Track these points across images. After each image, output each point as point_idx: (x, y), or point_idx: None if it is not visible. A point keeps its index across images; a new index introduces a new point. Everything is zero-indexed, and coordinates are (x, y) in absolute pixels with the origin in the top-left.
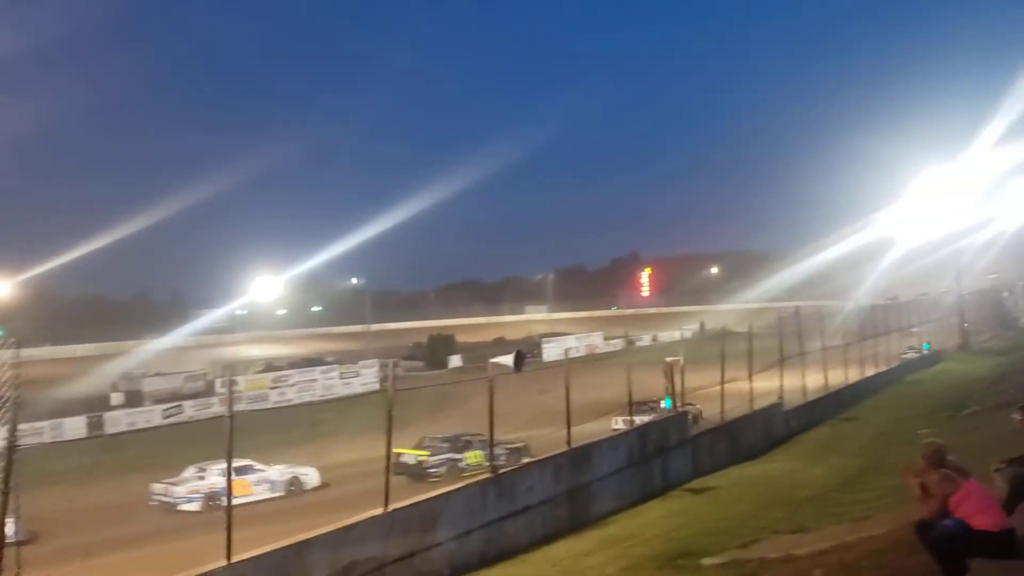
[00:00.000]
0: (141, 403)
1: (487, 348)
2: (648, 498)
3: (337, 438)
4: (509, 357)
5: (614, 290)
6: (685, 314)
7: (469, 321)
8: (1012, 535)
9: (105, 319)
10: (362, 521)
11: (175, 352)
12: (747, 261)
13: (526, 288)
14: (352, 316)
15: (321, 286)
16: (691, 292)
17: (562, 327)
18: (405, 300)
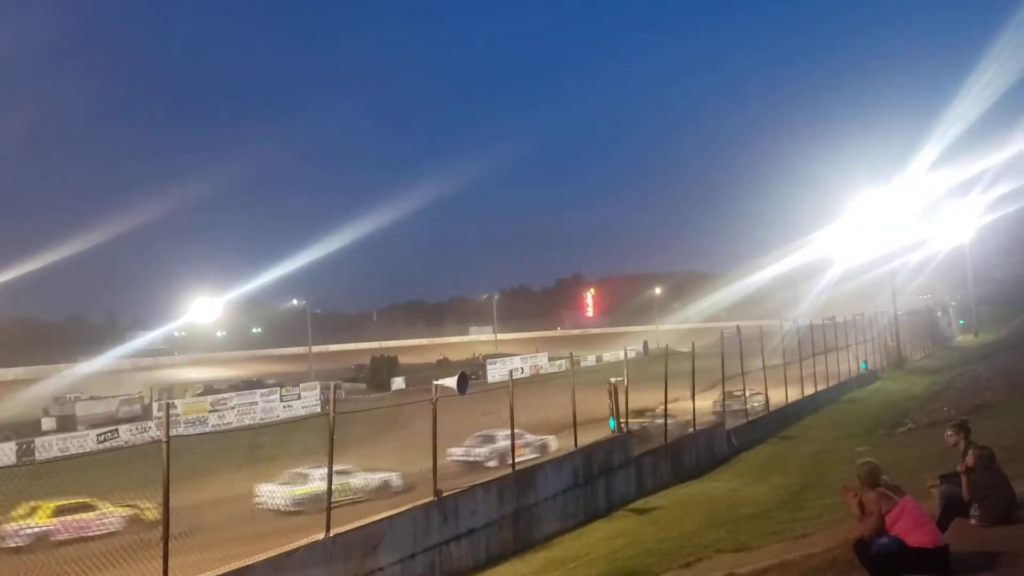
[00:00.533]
0: (74, 428)
1: (431, 370)
2: (593, 519)
3: (277, 462)
4: (453, 379)
5: (559, 310)
6: (629, 334)
7: (412, 342)
8: (946, 552)
9: (38, 341)
10: (304, 546)
11: (111, 375)
12: (690, 281)
13: (470, 309)
14: (293, 338)
15: (262, 308)
16: (635, 312)
17: (507, 348)
18: (348, 321)
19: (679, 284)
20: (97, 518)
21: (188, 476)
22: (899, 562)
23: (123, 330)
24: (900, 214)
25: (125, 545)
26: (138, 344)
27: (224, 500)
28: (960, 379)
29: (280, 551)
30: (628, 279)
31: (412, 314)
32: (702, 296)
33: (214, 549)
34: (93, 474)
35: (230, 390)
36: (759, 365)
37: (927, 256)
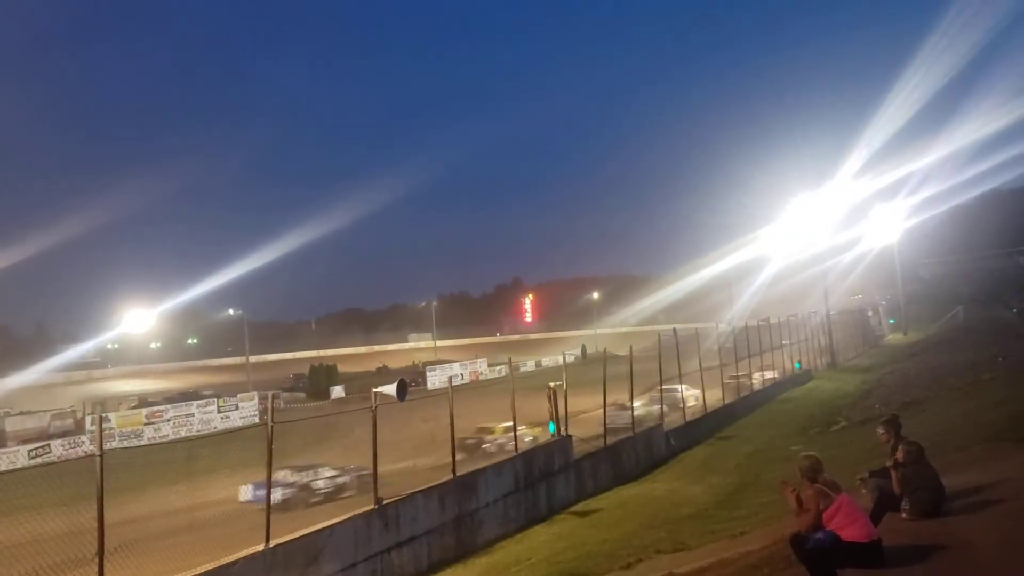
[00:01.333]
0: (4, 443)
1: (370, 378)
2: (534, 523)
3: (215, 474)
4: (392, 386)
5: (498, 316)
6: (568, 338)
7: (351, 351)
8: (879, 545)
9: None
10: (242, 558)
11: (41, 389)
12: (627, 285)
13: (409, 316)
14: (230, 348)
15: (197, 318)
16: (573, 317)
17: (446, 354)
18: (285, 330)
19: (617, 288)
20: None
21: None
22: (835, 556)
23: (53, 342)
24: (831, 217)
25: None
26: (69, 357)
27: (161, 514)
28: (890, 377)
29: (219, 563)
30: (566, 284)
31: (350, 322)
32: (639, 300)
33: (150, 563)
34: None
35: (166, 402)
36: (696, 367)
37: (857, 257)
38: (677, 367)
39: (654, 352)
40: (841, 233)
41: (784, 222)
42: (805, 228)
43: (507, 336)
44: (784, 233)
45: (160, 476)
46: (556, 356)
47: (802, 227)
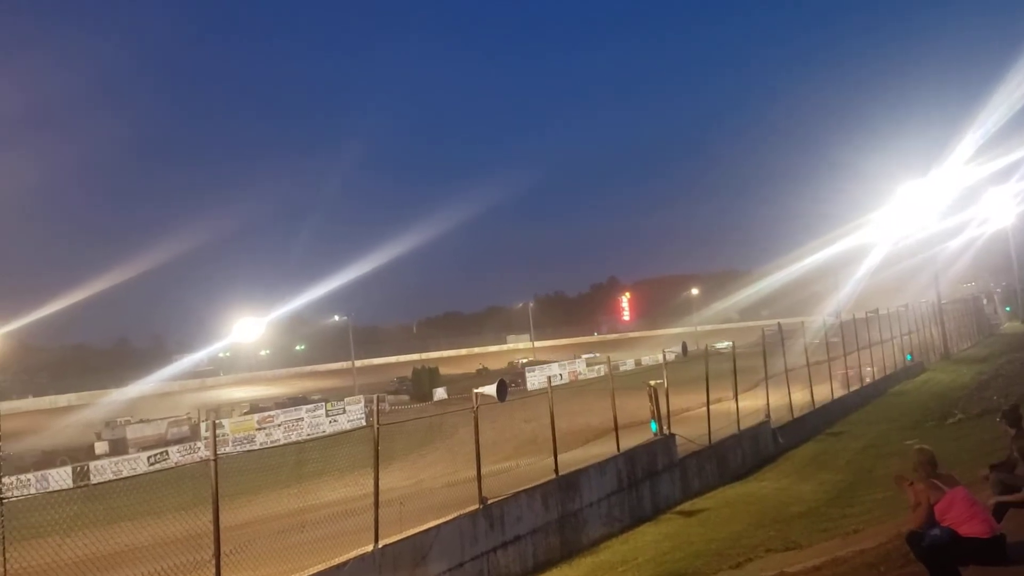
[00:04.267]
0: (126, 451)
1: (471, 379)
2: (639, 522)
3: (324, 477)
4: (493, 387)
5: (595, 315)
6: (667, 336)
7: (452, 353)
8: (1002, 541)
9: (88, 368)
10: (352, 559)
11: (158, 398)
12: (728, 280)
13: (506, 318)
14: (336, 353)
15: (304, 325)
16: (672, 314)
17: (544, 355)
18: (388, 335)
19: (717, 284)
20: None
21: (238, 494)
22: (953, 553)
23: (169, 353)
24: (939, 202)
25: (180, 564)
26: (184, 366)
27: (274, 516)
28: (1008, 367)
29: (330, 564)
30: (664, 281)
31: (450, 325)
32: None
33: (264, 565)
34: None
35: (276, 408)
36: (802, 362)
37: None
38: (783, 362)
39: (757, 348)
40: (949, 218)
41: (890, 209)
42: (913, 215)
43: (605, 335)
44: (890, 220)
45: (272, 479)
46: (655, 354)
47: (910, 214)
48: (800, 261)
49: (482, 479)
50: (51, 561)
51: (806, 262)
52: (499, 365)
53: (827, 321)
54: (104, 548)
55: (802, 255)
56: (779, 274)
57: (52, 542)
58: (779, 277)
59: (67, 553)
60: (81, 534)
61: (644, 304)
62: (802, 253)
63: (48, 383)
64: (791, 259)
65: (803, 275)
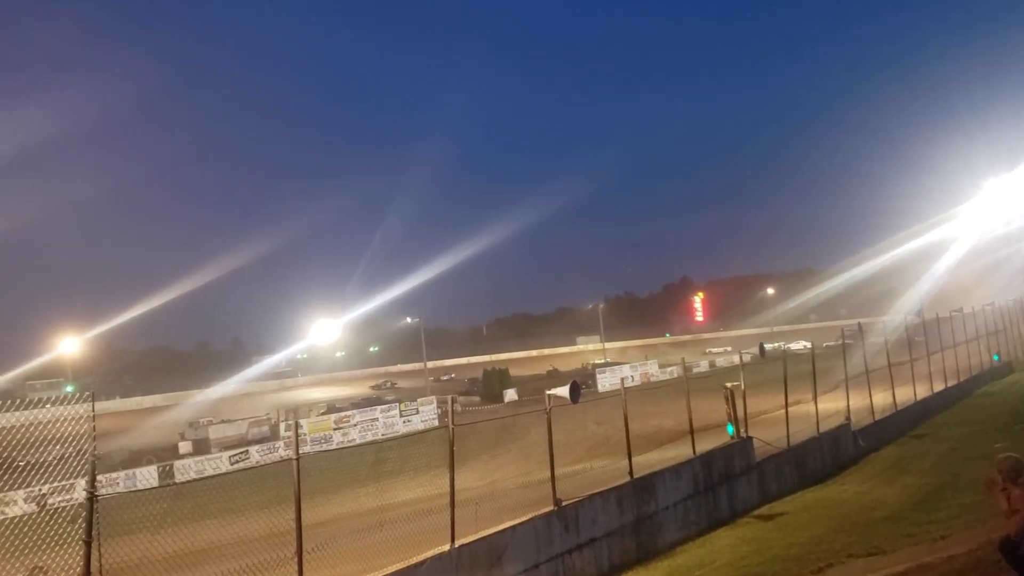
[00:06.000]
0: (208, 450)
1: (541, 380)
2: (716, 526)
3: (400, 476)
4: (565, 388)
5: (667, 316)
6: (741, 337)
7: (521, 355)
8: None
9: (171, 369)
10: (430, 558)
11: (238, 398)
12: (804, 279)
13: (576, 319)
14: (408, 354)
15: (377, 327)
16: (747, 314)
17: (615, 356)
18: (459, 336)
19: (792, 283)
20: None
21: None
22: None
23: (248, 355)
24: None
25: (264, 561)
26: (263, 367)
27: (352, 515)
28: None
29: (408, 563)
30: (738, 280)
31: (519, 327)
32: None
33: (344, 563)
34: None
35: (352, 408)
36: (883, 362)
37: None
38: (863, 363)
39: (835, 348)
40: None
41: (974, 204)
42: (997, 210)
43: (678, 336)
44: (974, 216)
45: (350, 479)
46: (731, 355)
47: (994, 209)
48: (875, 259)
49: (556, 481)
50: (142, 557)
51: (882, 259)
52: (569, 366)
53: (908, 320)
54: (190, 545)
55: (878, 252)
56: (855, 272)
57: (142, 539)
58: (855, 275)
59: (157, 549)
60: (169, 531)
61: (717, 304)
62: (878, 250)
63: (134, 384)
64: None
65: (878, 273)
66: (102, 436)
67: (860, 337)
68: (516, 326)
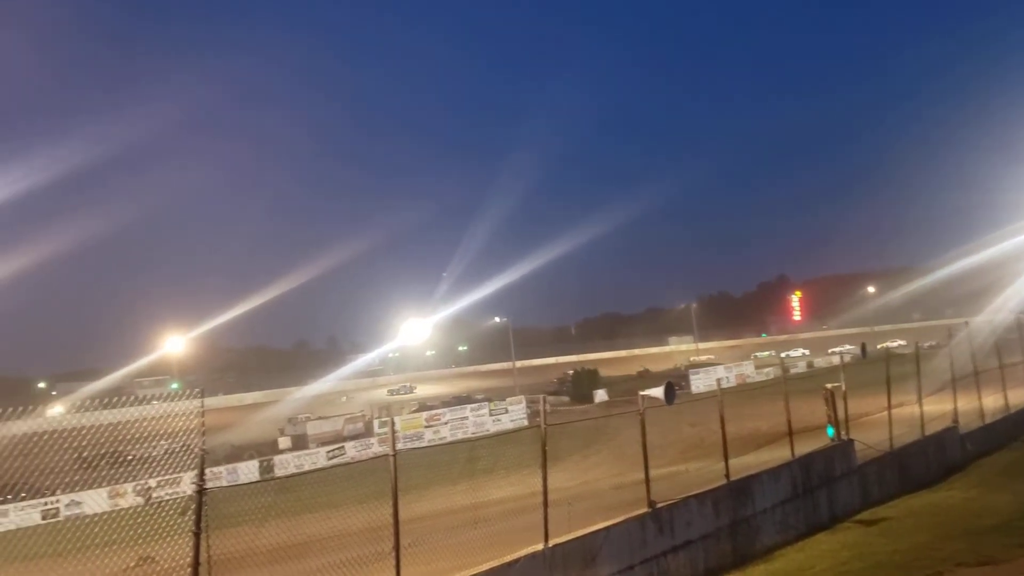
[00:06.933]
0: (306, 446)
1: (632, 381)
2: (815, 530)
3: (492, 474)
4: (659, 389)
5: (763, 316)
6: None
7: (611, 355)
8: None
9: (270, 367)
10: (523, 556)
11: (334, 396)
12: (905, 277)
13: (667, 319)
14: (496, 354)
15: (466, 326)
16: (847, 314)
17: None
18: (547, 335)
19: (893, 281)
20: None
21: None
22: None
23: (343, 353)
24: None
25: (362, 555)
26: (357, 366)
27: (445, 512)
28: None
29: (501, 561)
30: (838, 279)
31: (608, 327)
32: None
33: (439, 559)
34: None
35: (442, 406)
36: (994, 363)
37: None
38: (972, 363)
39: (940, 348)
40: None
41: None
42: None
43: (774, 336)
44: None
45: (441, 476)
46: (831, 356)
47: None
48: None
49: (650, 482)
50: (247, 549)
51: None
52: (661, 367)
53: (1022, 319)
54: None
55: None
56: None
57: (247, 531)
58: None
59: (261, 541)
60: (272, 524)
61: (816, 303)
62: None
63: (235, 381)
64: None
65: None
66: (206, 432)
67: (966, 336)
68: (605, 326)
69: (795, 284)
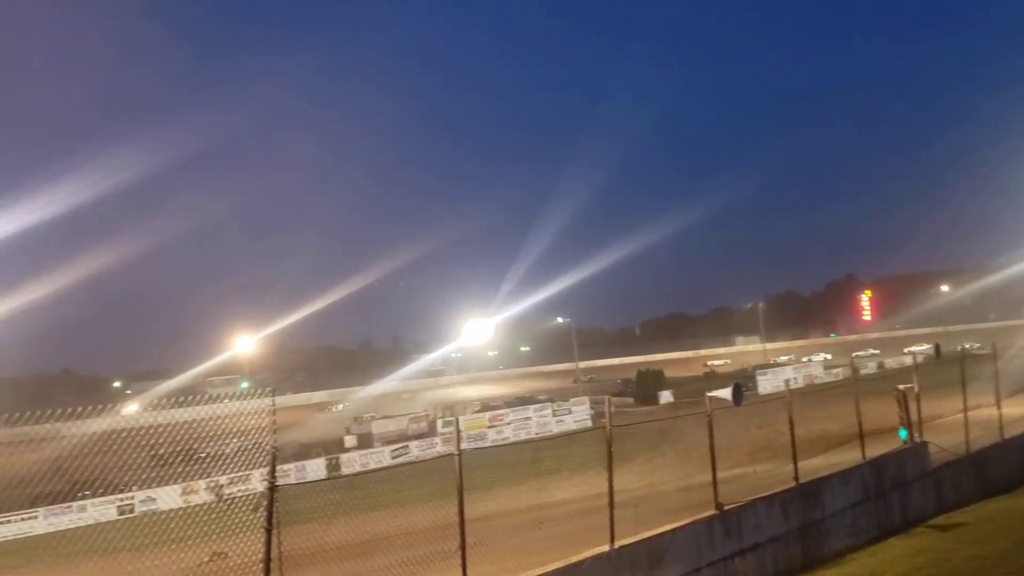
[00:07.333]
0: (371, 444)
1: (698, 382)
2: (887, 535)
3: (556, 475)
4: (727, 390)
5: (831, 315)
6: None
7: (677, 355)
8: None
9: (336, 367)
10: (589, 557)
11: (397, 395)
12: (979, 276)
13: (733, 319)
14: (559, 354)
15: (528, 327)
16: (919, 313)
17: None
18: (610, 336)
19: (967, 280)
20: None
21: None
22: None
23: (407, 353)
24: None
25: (429, 554)
26: (420, 366)
27: (509, 512)
28: None
29: (567, 562)
30: (908, 278)
31: (673, 327)
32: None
33: (505, 559)
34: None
35: (505, 406)
36: None
37: None
38: None
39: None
40: None
41: None
42: None
43: (843, 336)
44: None
45: (505, 476)
46: (903, 357)
47: None
48: None
49: (717, 484)
50: (317, 545)
51: None
52: (727, 368)
53: None
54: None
55: None
56: None
57: (316, 528)
58: None
59: (330, 538)
60: (340, 521)
61: (887, 303)
62: None
63: (303, 381)
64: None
65: None
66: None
67: None
68: (670, 326)
69: (865, 283)
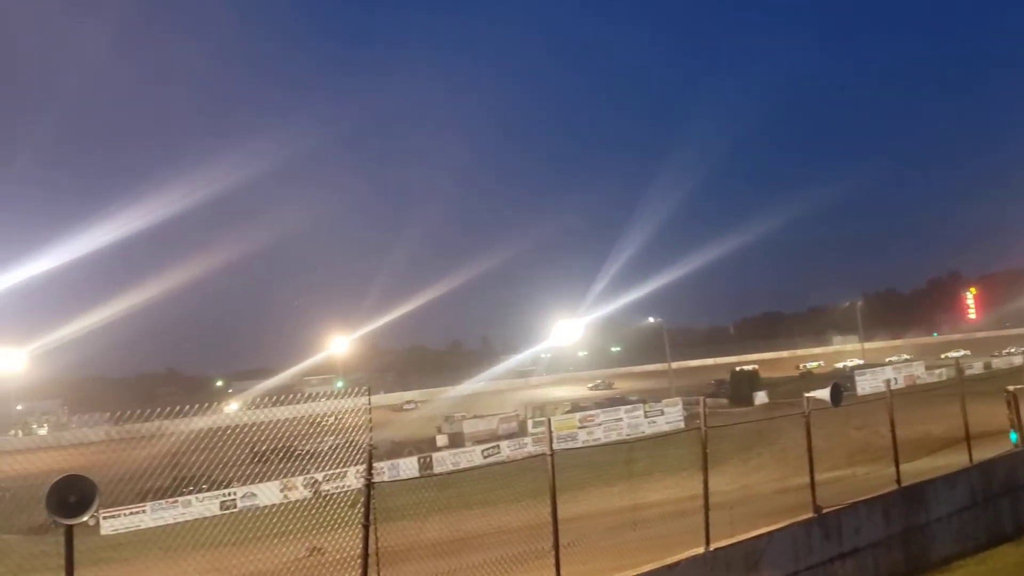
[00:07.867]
0: (462, 443)
1: (794, 383)
2: (998, 542)
3: (649, 477)
4: (826, 391)
5: (933, 314)
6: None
7: (772, 355)
8: None
9: (426, 367)
10: (684, 559)
11: (488, 395)
12: None
13: (830, 318)
14: (650, 355)
15: (619, 327)
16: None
17: (874, 357)
18: (703, 336)
19: None
20: None
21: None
22: None
23: (496, 353)
24: None
25: (522, 553)
26: (509, 366)
27: (602, 512)
28: None
29: (662, 563)
30: (1018, 274)
31: (768, 326)
32: None
33: (597, 559)
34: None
35: (596, 407)
36: None
37: None
38: None
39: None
40: None
41: None
42: None
43: (946, 336)
44: None
45: (596, 477)
46: (1012, 357)
47: None
48: None
49: (815, 486)
50: (411, 542)
51: None
52: (824, 368)
53: None
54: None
55: None
56: None
57: (411, 524)
58: None
59: (424, 535)
60: (434, 519)
61: (994, 300)
62: None
63: (395, 380)
64: None
65: None
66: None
67: None
68: (764, 326)
69: (970, 280)
